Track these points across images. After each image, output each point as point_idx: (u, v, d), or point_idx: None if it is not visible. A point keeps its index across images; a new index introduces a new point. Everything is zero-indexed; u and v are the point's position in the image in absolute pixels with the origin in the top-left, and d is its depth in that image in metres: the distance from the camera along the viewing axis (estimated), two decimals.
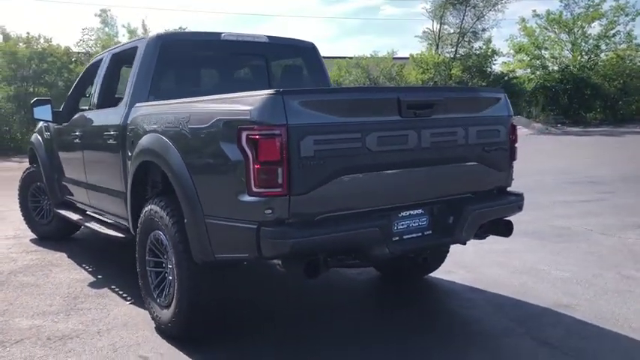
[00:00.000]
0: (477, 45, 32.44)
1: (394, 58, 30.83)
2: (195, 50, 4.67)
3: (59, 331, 3.84)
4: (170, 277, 3.55)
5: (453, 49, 32.20)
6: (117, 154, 4.30)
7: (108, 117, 4.57)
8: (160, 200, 3.58)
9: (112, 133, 4.40)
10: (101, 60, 5.33)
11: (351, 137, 3.02)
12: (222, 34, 4.68)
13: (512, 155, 3.80)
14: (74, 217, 5.48)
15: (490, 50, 31.80)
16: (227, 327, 3.85)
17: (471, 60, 31.25)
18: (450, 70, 30.29)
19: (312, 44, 5.27)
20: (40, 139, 6.34)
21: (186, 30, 15.56)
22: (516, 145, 3.87)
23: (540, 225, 6.73)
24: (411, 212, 3.36)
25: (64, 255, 5.92)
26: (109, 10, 24.19)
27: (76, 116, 5.46)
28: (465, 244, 3.73)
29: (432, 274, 4.85)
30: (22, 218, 6.82)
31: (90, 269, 5.36)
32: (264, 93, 2.88)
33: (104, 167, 4.62)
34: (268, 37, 4.94)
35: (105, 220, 4.96)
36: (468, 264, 5.19)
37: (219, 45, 4.66)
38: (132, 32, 24.21)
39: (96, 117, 4.93)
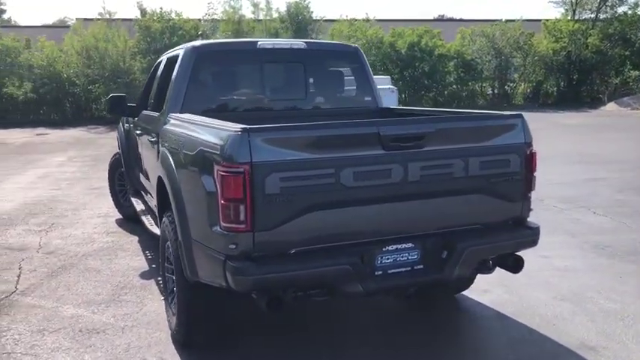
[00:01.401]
0: (621, 10, 29.34)
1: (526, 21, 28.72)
2: (231, 60, 4.77)
3: (91, 324, 4.24)
4: (175, 288, 3.77)
5: (592, 15, 29.38)
6: (156, 158, 4.57)
7: (152, 120, 4.86)
8: (169, 214, 3.79)
9: (153, 138, 4.68)
10: (161, 62, 5.62)
11: (323, 173, 2.97)
12: (259, 42, 4.73)
13: (528, 186, 3.50)
14: (137, 207, 5.93)
15: (637, 16, 28.56)
16: (232, 336, 4.03)
17: (612, 27, 28.34)
18: (587, 39, 27.74)
19: (355, 48, 5.15)
20: (122, 128, 6.87)
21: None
22: (535, 174, 3.56)
23: (623, 238, 6.13)
24: (399, 246, 3.25)
25: (135, 239, 6.45)
26: None
27: (143, 112, 5.85)
28: (455, 281, 3.54)
29: (466, 292, 4.66)
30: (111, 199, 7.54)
31: (150, 257, 5.80)
32: (234, 128, 2.92)
33: (149, 168, 4.95)
34: (306, 42, 4.91)
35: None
36: (512, 282, 4.88)
37: (255, 53, 4.72)
38: (255, 5, 24.96)
39: (148, 118, 5.23)
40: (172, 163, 3.64)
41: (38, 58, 23.04)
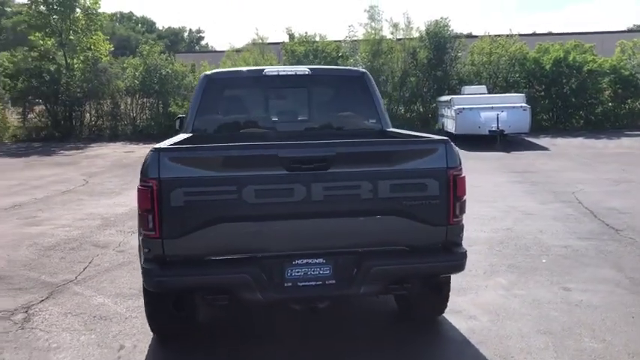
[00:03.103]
0: None
1: None
2: (239, 86, 5.29)
3: (106, 312, 4.98)
4: None
5: None
6: None
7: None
8: None
9: None
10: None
11: (225, 190, 3.33)
12: (265, 70, 5.19)
13: (451, 210, 3.49)
14: None
15: None
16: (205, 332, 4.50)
17: None
18: None
19: (362, 73, 5.36)
20: None
21: None
22: (463, 198, 3.53)
23: None
24: (309, 261, 3.48)
25: None
26: (377, 6, 25.72)
27: None
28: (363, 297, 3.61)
29: (450, 317, 4.62)
30: None
31: None
32: (152, 148, 3.40)
33: None
34: (311, 69, 5.25)
35: None
36: (507, 311, 4.74)
37: (261, 80, 5.19)
38: (394, 26, 25.35)
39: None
40: None
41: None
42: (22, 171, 15.20)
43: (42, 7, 27.53)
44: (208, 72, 5.29)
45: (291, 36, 26.33)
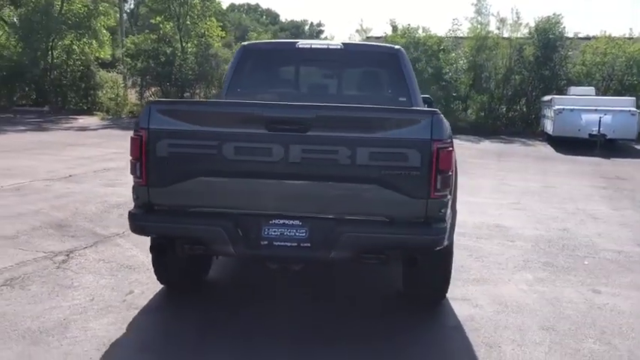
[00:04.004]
0: None
1: None
2: (272, 57, 5.40)
3: (134, 263, 5.34)
4: None
5: None
6: None
7: None
8: None
9: None
10: None
11: (207, 144, 3.47)
12: (298, 43, 5.27)
13: (433, 183, 3.39)
14: None
15: None
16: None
17: None
18: None
19: (396, 50, 5.27)
20: None
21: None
22: (448, 172, 3.42)
23: None
24: (286, 222, 3.54)
25: None
26: (485, 0, 24.72)
27: None
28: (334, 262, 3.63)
29: (454, 303, 4.48)
30: None
31: None
32: (147, 101, 3.61)
33: None
34: (344, 44, 5.25)
35: None
36: (519, 304, 4.51)
37: (294, 52, 5.27)
38: (501, 21, 24.36)
39: None
40: None
41: None
42: (126, 141, 16.39)
43: None
44: (246, 42, 5.46)
45: (394, 28, 26.09)
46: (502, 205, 8.68)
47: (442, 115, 3.47)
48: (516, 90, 24.06)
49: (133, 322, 4.04)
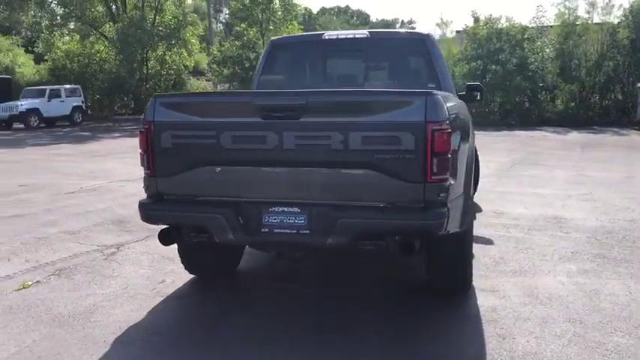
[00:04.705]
0: None
1: None
2: (300, 51, 5.43)
3: (177, 255, 5.55)
4: None
5: None
6: None
7: None
8: None
9: None
10: None
11: (206, 134, 3.58)
12: (325, 34, 5.27)
13: (429, 167, 3.27)
14: None
15: None
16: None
17: None
18: None
19: (424, 36, 5.12)
20: None
21: None
22: (445, 155, 3.29)
23: None
24: (285, 209, 3.56)
25: None
26: None
27: None
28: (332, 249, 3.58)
29: (481, 294, 4.32)
30: None
31: None
32: (153, 95, 3.78)
33: None
34: (370, 32, 5.18)
35: None
36: (549, 297, 4.25)
37: (321, 44, 5.28)
38: (591, 4, 22.91)
39: None
40: None
41: None
42: None
43: (246, 0, 30.37)
44: (274, 37, 5.54)
45: (476, 19, 25.29)
46: (570, 196, 8.19)
47: (439, 96, 3.35)
48: (609, 77, 22.59)
49: (153, 308, 4.22)
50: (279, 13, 29.99)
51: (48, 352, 3.53)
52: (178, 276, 4.91)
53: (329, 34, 5.32)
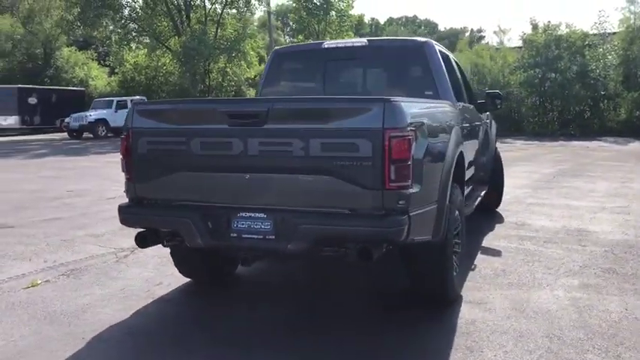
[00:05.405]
0: None
1: None
2: (301, 60, 5.50)
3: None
4: None
5: None
6: None
7: None
8: None
9: None
10: None
11: (177, 141, 3.71)
12: (324, 43, 5.32)
13: (386, 174, 3.25)
14: None
15: None
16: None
17: None
18: None
19: (422, 43, 5.07)
20: None
21: None
22: (405, 162, 3.25)
23: None
24: (252, 215, 3.62)
25: None
26: None
27: None
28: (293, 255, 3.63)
29: (465, 306, 4.22)
30: None
31: None
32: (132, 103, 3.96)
33: None
34: (368, 40, 5.18)
35: None
36: (536, 311, 4.09)
37: (321, 53, 5.33)
38: None
39: None
40: None
41: None
42: None
43: (303, 13, 30.84)
44: (278, 47, 5.65)
45: (534, 26, 24.57)
46: (604, 208, 7.82)
47: (400, 103, 3.33)
48: None
49: (141, 309, 4.38)
50: (335, 23, 30.25)
51: (30, 346, 3.73)
52: (176, 279, 5.06)
53: (329, 43, 5.37)
